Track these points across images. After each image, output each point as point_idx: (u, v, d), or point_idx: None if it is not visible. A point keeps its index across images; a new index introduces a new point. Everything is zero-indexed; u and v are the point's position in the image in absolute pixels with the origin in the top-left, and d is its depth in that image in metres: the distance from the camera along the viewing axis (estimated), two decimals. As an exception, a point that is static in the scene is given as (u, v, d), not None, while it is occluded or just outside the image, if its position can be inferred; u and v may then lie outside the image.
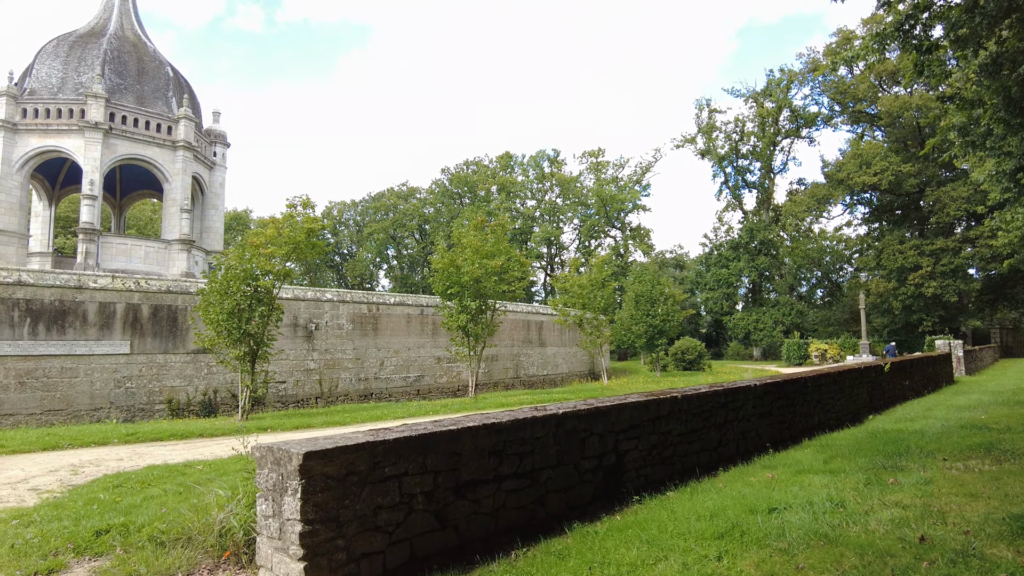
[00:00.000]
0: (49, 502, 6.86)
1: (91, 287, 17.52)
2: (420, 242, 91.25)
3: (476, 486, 4.75)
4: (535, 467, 5.29)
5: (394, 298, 26.02)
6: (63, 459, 10.15)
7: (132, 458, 10.30)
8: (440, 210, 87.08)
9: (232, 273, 15.93)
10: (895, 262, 47.49)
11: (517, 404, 20.47)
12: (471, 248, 22.07)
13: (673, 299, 37.65)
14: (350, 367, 23.82)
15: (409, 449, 4.25)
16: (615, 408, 6.23)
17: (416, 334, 26.35)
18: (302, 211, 17.36)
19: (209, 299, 16.20)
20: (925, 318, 48.13)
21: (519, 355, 31.25)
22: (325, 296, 23.57)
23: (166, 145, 38.07)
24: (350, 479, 3.89)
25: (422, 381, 26.26)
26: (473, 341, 22.61)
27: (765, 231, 62.66)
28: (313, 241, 16.96)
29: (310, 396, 22.36)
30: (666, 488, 6.68)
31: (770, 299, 65.66)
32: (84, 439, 12.01)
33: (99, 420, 17.27)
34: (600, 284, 30.13)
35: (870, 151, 48.63)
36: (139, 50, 41.03)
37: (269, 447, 3.83)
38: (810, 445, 9.58)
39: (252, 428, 14.13)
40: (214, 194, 45.84)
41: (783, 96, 61.81)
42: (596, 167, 77.77)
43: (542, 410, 5.62)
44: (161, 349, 18.71)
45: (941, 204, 46.64)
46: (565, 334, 36.16)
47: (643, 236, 75.14)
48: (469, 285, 21.81)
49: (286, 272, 16.81)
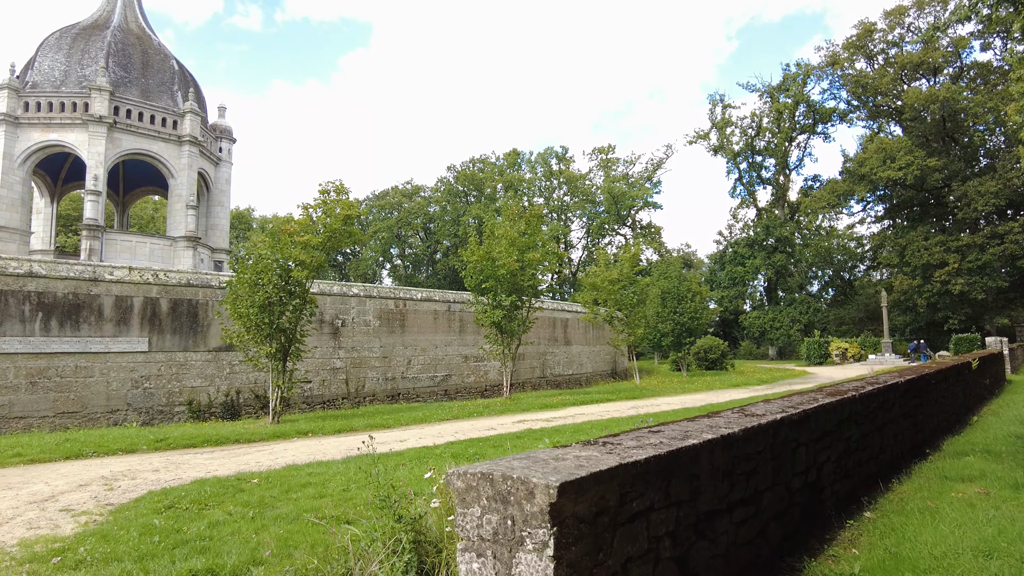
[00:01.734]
0: (92, 530, 5.51)
1: (107, 279, 16.15)
2: (425, 241, 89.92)
3: (712, 519, 3.43)
4: (757, 489, 3.97)
5: (421, 293, 24.67)
6: (91, 470, 8.81)
7: (169, 468, 8.96)
8: (446, 208, 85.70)
9: (264, 264, 14.58)
10: (920, 259, 46.24)
11: (560, 405, 19.15)
12: (507, 239, 20.73)
13: (700, 296, 36.30)
14: (377, 366, 22.47)
15: (655, 473, 2.92)
16: (816, 412, 4.91)
17: (443, 331, 25.01)
18: (335, 197, 16.00)
19: (238, 291, 14.85)
20: (951, 316, 46.91)
21: (545, 354, 29.94)
22: (351, 291, 22.22)
23: (171, 140, 36.81)
24: (600, 521, 2.57)
25: (449, 381, 24.93)
26: (507, 338, 21.30)
27: (781, 228, 61.45)
28: (350, 228, 15.60)
29: (336, 396, 21.01)
30: (859, 507, 5.39)
31: (786, 297, 64.43)
32: (108, 445, 10.67)
33: (116, 423, 15.91)
34: (630, 279, 28.79)
35: (895, 145, 47.35)
36: (143, 43, 39.72)
37: (485, 474, 2.50)
38: (953, 449, 8.30)
39: (290, 432, 12.81)
40: (220, 190, 44.54)
41: (799, 91, 60.59)
42: (606, 163, 76.55)
43: (751, 415, 4.28)
44: (181, 347, 17.34)
45: (968, 199, 45.40)
46: (589, 332, 34.85)
47: (654, 234, 73.88)
48: (505, 279, 20.49)
49: (320, 263, 15.47)
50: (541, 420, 15.27)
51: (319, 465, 8.75)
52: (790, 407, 4.69)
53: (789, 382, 29.20)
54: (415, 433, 13.03)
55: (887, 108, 54.55)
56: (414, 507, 4.00)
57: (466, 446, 10.62)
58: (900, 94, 51.16)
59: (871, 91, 52.28)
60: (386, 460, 9.04)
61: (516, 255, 20.55)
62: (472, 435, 12.46)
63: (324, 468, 8.45)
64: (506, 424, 14.54)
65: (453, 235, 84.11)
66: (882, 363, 44.45)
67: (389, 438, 12.29)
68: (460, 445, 10.75)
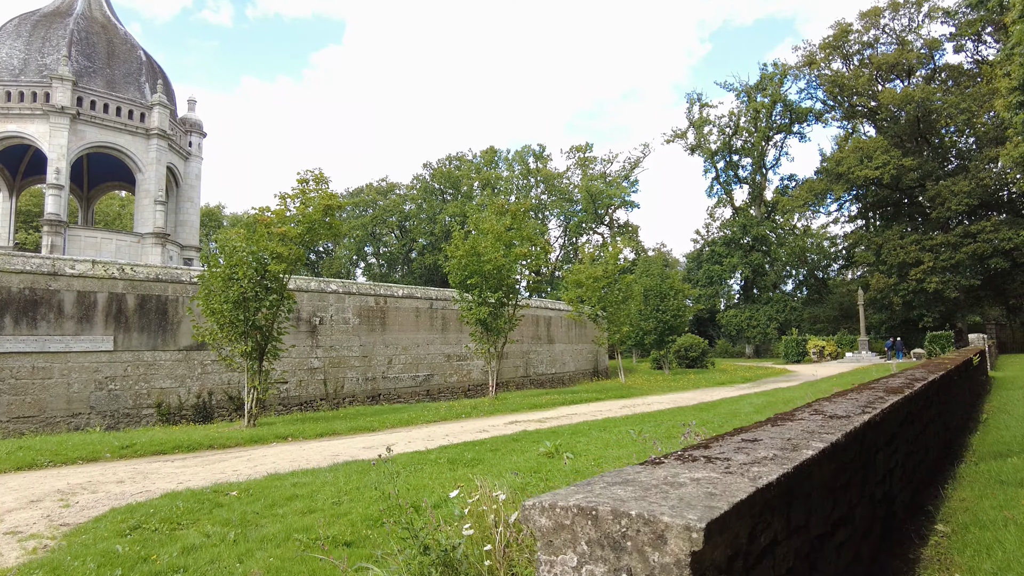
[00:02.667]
0: (40, 559, 4.67)
1: (67, 273, 15.02)
2: (400, 239, 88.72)
3: (821, 545, 2.77)
4: (851, 504, 3.33)
5: (402, 290, 23.80)
6: (46, 482, 7.88)
7: (136, 479, 8.07)
8: (422, 206, 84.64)
9: (238, 257, 13.64)
10: (896, 257, 46.64)
11: (549, 405, 18.49)
12: (492, 234, 19.99)
13: (683, 293, 36.00)
14: (357, 365, 21.56)
15: (780, 496, 2.23)
16: (890, 412, 4.28)
17: (425, 329, 24.17)
18: (315, 187, 15.10)
19: (210, 286, 13.90)
20: (926, 314, 47.42)
21: (528, 352, 29.26)
22: (330, 287, 21.27)
23: (139, 133, 35.36)
24: (735, 567, 1.88)
25: (431, 380, 24.10)
26: (493, 336, 20.57)
27: (758, 227, 61.71)
28: (331, 220, 14.71)
29: (314, 397, 20.06)
30: (927, 518, 4.80)
31: (762, 296, 64.74)
32: (67, 453, 9.69)
33: (77, 428, 14.81)
34: (614, 276, 28.27)
35: (872, 145, 47.69)
36: (109, 32, 38.13)
37: (584, 509, 1.78)
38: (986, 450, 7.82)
39: (268, 436, 11.92)
40: (189, 186, 43.10)
41: (776, 90, 60.88)
42: (583, 162, 76.16)
43: (836, 417, 3.63)
44: (149, 345, 16.26)
45: (942, 199, 45.91)
46: (572, 331, 34.28)
47: (631, 233, 73.74)
48: (491, 275, 19.76)
49: (299, 256, 14.57)
50: (534, 421, 14.60)
51: (304, 474, 7.94)
52: (868, 406, 4.06)
53: (773, 380, 28.97)
54: (402, 436, 12.25)
55: (862, 108, 55.04)
56: (443, 536, 3.27)
57: (461, 450, 9.89)
58: (876, 94, 51.60)
59: (848, 91, 52.67)
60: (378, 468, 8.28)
61: (502, 250, 19.86)
62: (464, 438, 11.73)
63: (310, 477, 7.65)
64: (498, 426, 13.83)
65: (429, 233, 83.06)
66: (859, 361, 44.73)
67: (375, 442, 11.49)
68: (455, 449, 10.01)
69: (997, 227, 44.28)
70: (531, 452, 9.79)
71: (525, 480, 6.51)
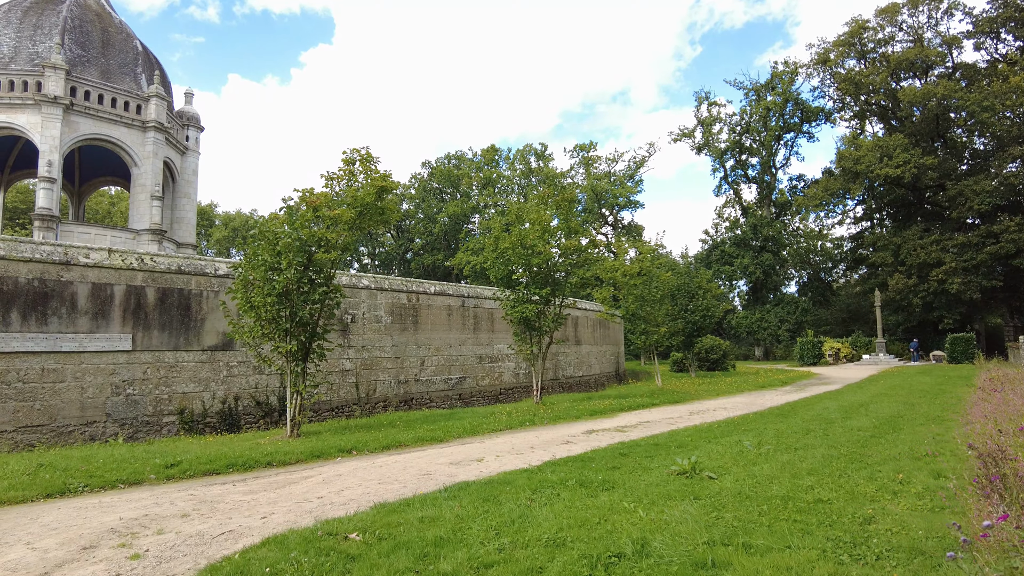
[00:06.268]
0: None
1: (81, 263, 13.18)
2: (397, 239, 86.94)
3: None
4: None
5: (434, 287, 22.10)
6: (91, 516, 6.15)
7: (204, 512, 6.35)
8: (419, 206, 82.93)
9: (284, 243, 11.92)
10: (917, 258, 45.57)
11: (608, 411, 16.87)
12: (540, 225, 18.40)
13: (711, 292, 34.50)
14: (389, 367, 19.84)
15: None
16: None
17: (457, 329, 22.49)
18: (361, 167, 13.42)
19: (249, 277, 12.17)
20: (946, 315, 46.39)
21: (557, 354, 27.66)
22: (362, 283, 19.53)
23: (135, 125, 33.45)
24: None
25: (464, 384, 22.42)
26: (536, 336, 18.96)
27: (769, 227, 60.57)
28: (385, 204, 13.02)
29: (346, 402, 18.32)
30: None
31: (774, 297, 63.63)
32: (102, 475, 7.94)
33: (93, 438, 12.99)
34: (651, 274, 26.76)
35: (892, 143, 46.58)
36: (103, 20, 36.17)
37: None
38: None
39: (327, 450, 10.20)
40: (186, 181, 41.19)
41: (786, 88, 59.83)
42: (587, 161, 74.69)
43: None
44: (171, 345, 14.44)
45: (964, 198, 44.92)
46: (597, 331, 32.74)
47: (637, 233, 72.40)
48: (541, 268, 18.17)
49: (348, 243, 12.88)
50: (610, 430, 12.98)
51: (421, 504, 6.27)
52: None
53: (808, 382, 27.55)
54: (480, 449, 10.58)
55: (875, 106, 54.09)
56: None
57: (576, 469, 8.25)
58: (893, 92, 50.60)
59: (863, 89, 51.64)
60: (512, 495, 6.62)
61: (552, 241, 18.29)
62: (556, 452, 10.08)
63: (433, 509, 5.99)
64: (577, 435, 12.20)
65: (427, 233, 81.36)
66: (877, 363, 43.58)
67: (457, 455, 9.83)
68: (566, 468, 8.37)
69: (1021, 227, 43.35)
70: (658, 471, 8.19)
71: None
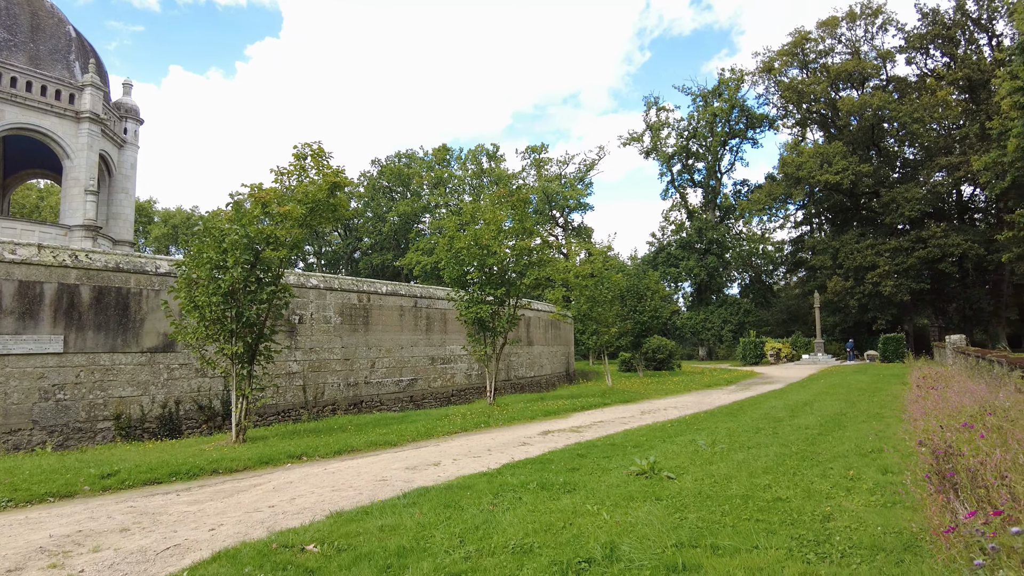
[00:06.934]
0: None
1: (7, 259, 12.31)
2: (345, 239, 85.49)
3: None
4: None
5: (386, 287, 21.69)
6: (17, 534, 5.69)
7: (146, 525, 5.97)
8: (368, 204, 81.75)
9: (230, 240, 11.43)
10: (854, 261, 47.55)
11: (562, 411, 16.90)
12: (494, 225, 18.28)
13: (659, 294, 35.12)
14: (338, 369, 19.35)
15: None
16: None
17: (409, 330, 22.14)
18: (313, 162, 13.01)
19: (191, 277, 11.62)
20: (879, 316, 48.57)
21: (509, 355, 27.58)
22: (311, 282, 18.99)
23: (68, 115, 31.78)
24: None
25: (415, 386, 22.09)
26: (491, 337, 18.84)
27: (714, 230, 62.19)
28: (337, 200, 12.65)
29: (293, 406, 17.76)
30: None
31: (717, 298, 65.36)
32: (30, 487, 7.38)
33: (18, 447, 12.16)
34: (602, 275, 27.01)
35: (832, 150, 48.49)
36: (33, 3, 34.22)
37: None
38: None
39: (276, 455, 9.81)
40: (124, 176, 39.40)
41: (732, 95, 61.56)
42: (538, 163, 75.03)
43: None
44: (107, 347, 13.67)
45: (896, 204, 47.15)
46: (548, 332, 32.87)
47: (587, 235, 73.16)
48: (496, 269, 18.06)
49: (298, 240, 12.45)
50: (566, 431, 12.97)
51: (379, 511, 6.04)
52: None
53: (752, 382, 28.32)
54: (436, 452, 10.38)
55: (818, 114, 56.21)
56: None
57: (535, 471, 8.17)
58: (833, 101, 52.68)
59: (805, 97, 53.58)
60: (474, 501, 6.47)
61: (507, 241, 18.21)
62: (513, 454, 9.98)
63: (393, 516, 5.78)
64: (533, 437, 12.13)
65: (377, 232, 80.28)
66: (816, 363, 45.24)
67: (412, 459, 9.60)
68: (526, 470, 8.27)
69: (946, 232, 45.82)
70: (617, 472, 8.19)
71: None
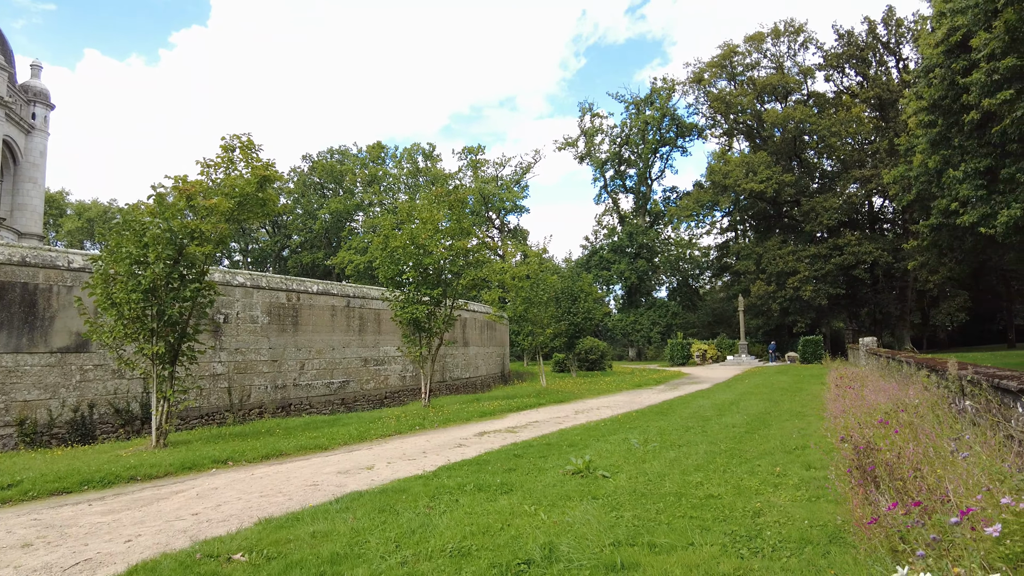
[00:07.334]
0: None
1: None
2: (274, 236, 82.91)
3: None
4: None
5: (317, 286, 21.09)
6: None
7: (52, 540, 5.54)
8: (299, 201, 79.65)
9: (152, 234, 10.82)
10: (776, 266, 49.76)
11: (497, 412, 16.89)
12: (431, 224, 18.10)
13: (592, 296, 35.70)
14: (266, 371, 18.67)
15: None
16: None
17: (341, 330, 21.62)
18: (242, 155, 12.51)
19: (109, 270, 10.94)
20: (799, 319, 50.98)
21: (445, 356, 27.37)
22: (237, 279, 18.23)
23: (-38, 96, 29.58)
24: None
25: (347, 388, 21.59)
26: (427, 338, 18.64)
27: (644, 235, 63.81)
28: (267, 195, 12.19)
29: (218, 409, 17.01)
30: None
31: (647, 301, 67.05)
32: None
33: (-96, 457, 11.10)
34: (538, 277, 27.23)
35: (757, 160, 50.63)
36: (-74, -28, 31.59)
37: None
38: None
39: (200, 460, 9.35)
40: (32, 164, 36.93)
41: (664, 104, 63.32)
42: (475, 164, 74.94)
43: None
44: (11, 347, 12.68)
45: (815, 213, 49.66)
46: (484, 333, 32.85)
47: (523, 237, 73.62)
48: (433, 268, 17.89)
49: (225, 235, 11.92)
50: (502, 431, 12.97)
51: (311, 518, 5.83)
52: None
53: (681, 381, 29.15)
54: (370, 456, 10.15)
55: (744, 125, 58.60)
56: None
57: (472, 473, 8.12)
58: (758, 113, 55.03)
59: (733, 108, 55.75)
60: (410, 504, 6.35)
61: (444, 242, 18.07)
62: (449, 456, 9.88)
63: (325, 523, 5.59)
64: (469, 438, 12.05)
65: (307, 230, 78.27)
66: (740, 364, 47.07)
67: (345, 464, 9.35)
68: (463, 472, 8.20)
69: (860, 241, 48.65)
70: (553, 471, 8.24)
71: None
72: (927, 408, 7.29)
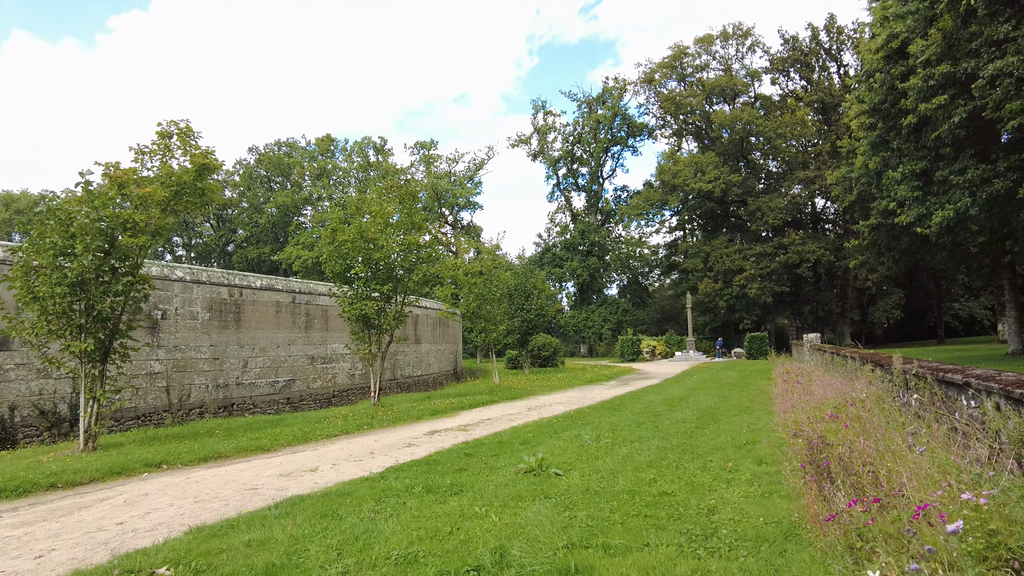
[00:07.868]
0: None
1: None
2: (218, 230, 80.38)
3: None
4: None
5: (261, 281, 20.34)
6: None
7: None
8: (244, 194, 77.46)
9: (79, 224, 10.14)
10: (723, 264, 50.87)
11: (449, 410, 16.64)
12: (382, 218, 17.66)
13: (545, 293, 35.74)
14: (206, 370, 17.89)
15: None
16: None
17: (287, 327, 20.94)
18: (178, 143, 11.87)
19: (31, 261, 10.21)
20: (745, 316, 52.27)
21: (396, 353, 26.91)
22: (175, 273, 17.39)
23: None
24: None
25: (293, 387, 20.93)
26: (376, 335, 18.20)
27: (595, 233, 64.39)
28: (207, 185, 11.59)
29: (155, 409, 16.20)
30: None
31: (598, 298, 67.71)
32: None
33: None
34: (491, 273, 27.02)
35: (705, 160, 51.62)
36: None
37: None
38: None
39: (131, 464, 8.80)
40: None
41: (615, 103, 63.96)
42: (428, 159, 74.16)
43: None
44: (-80, 345, 11.73)
45: (761, 213, 50.97)
46: (437, 330, 32.46)
47: (476, 234, 73.28)
48: (383, 264, 17.46)
49: (162, 226, 11.27)
50: (454, 430, 12.72)
51: (247, 525, 5.48)
52: None
53: (631, 377, 29.48)
54: (314, 457, 9.76)
55: (693, 125, 59.69)
56: None
57: (421, 473, 7.86)
58: (707, 114, 56.13)
59: (682, 109, 56.70)
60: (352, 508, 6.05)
61: (396, 236, 17.67)
62: (398, 456, 9.58)
63: (263, 531, 5.25)
64: (419, 437, 11.76)
65: (253, 224, 76.18)
66: (688, 359, 47.92)
67: (288, 466, 8.96)
68: (411, 473, 7.93)
69: (804, 240, 50.18)
70: (505, 470, 8.06)
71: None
72: (874, 402, 7.41)
